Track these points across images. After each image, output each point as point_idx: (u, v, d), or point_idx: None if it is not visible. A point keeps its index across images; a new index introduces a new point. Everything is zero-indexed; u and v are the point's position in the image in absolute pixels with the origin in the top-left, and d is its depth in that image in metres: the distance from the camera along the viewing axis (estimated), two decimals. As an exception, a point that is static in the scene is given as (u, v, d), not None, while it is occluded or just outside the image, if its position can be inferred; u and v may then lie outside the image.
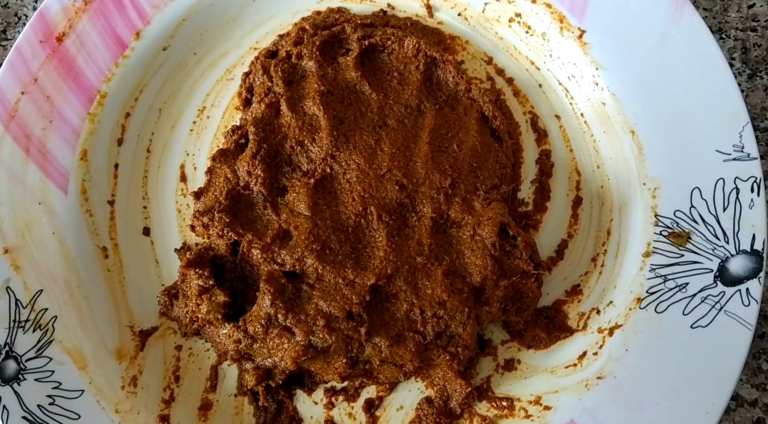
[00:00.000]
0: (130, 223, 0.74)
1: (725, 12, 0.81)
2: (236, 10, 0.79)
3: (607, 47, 0.72)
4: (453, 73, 0.76)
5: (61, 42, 0.71)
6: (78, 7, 0.72)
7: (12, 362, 0.63)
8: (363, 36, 0.77)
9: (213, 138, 0.77)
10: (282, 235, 0.67)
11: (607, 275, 0.69)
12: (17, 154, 0.69)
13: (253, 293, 0.67)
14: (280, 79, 0.75)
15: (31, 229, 0.68)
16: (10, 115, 0.69)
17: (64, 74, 0.71)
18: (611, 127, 0.72)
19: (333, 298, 0.64)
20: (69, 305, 0.67)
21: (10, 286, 0.65)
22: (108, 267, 0.71)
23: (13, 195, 0.68)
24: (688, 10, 0.68)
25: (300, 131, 0.72)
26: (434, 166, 0.70)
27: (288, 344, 0.63)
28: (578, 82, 0.75)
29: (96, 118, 0.73)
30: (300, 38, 0.77)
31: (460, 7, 0.79)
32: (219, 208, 0.68)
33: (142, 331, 0.70)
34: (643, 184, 0.69)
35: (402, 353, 0.63)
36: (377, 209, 0.67)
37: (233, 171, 0.70)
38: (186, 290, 0.68)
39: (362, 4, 0.81)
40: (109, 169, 0.74)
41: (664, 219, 0.66)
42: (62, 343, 0.65)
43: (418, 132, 0.72)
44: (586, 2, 0.72)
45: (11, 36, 0.84)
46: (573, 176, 0.74)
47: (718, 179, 0.65)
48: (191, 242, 0.74)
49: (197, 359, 0.70)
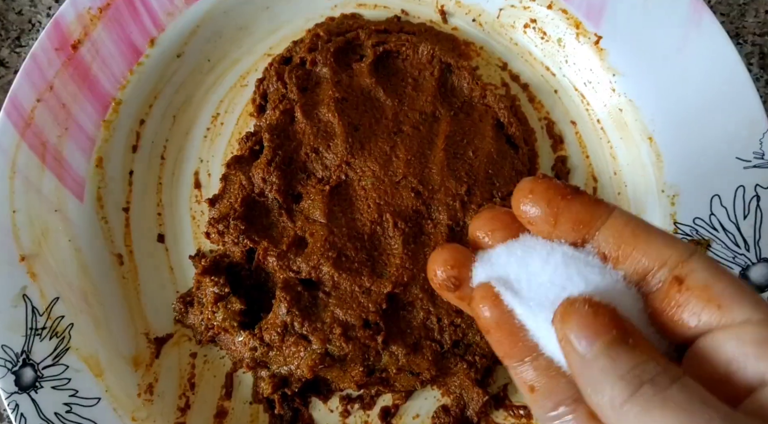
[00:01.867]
0: (145, 230, 0.74)
1: (743, 17, 0.80)
2: (250, 16, 0.79)
3: (624, 53, 0.71)
4: (468, 79, 0.75)
5: (77, 50, 0.71)
6: (93, 14, 0.72)
7: (29, 370, 0.63)
8: (377, 42, 0.76)
9: (227, 144, 0.77)
10: (297, 242, 0.67)
11: (625, 282, 0.68)
12: (33, 161, 0.69)
13: (268, 300, 0.67)
14: (294, 85, 0.74)
15: (47, 236, 0.68)
16: (26, 123, 0.69)
17: (80, 82, 0.71)
18: (628, 133, 0.72)
19: (349, 306, 0.64)
20: (85, 312, 0.67)
21: (26, 294, 0.65)
22: (123, 274, 0.71)
23: (30, 203, 0.68)
24: (706, 15, 0.68)
25: (315, 138, 0.71)
26: (450, 173, 0.69)
27: (304, 353, 0.63)
28: (594, 88, 0.74)
29: (111, 125, 0.73)
30: (314, 44, 0.77)
31: (475, 12, 0.79)
32: (234, 215, 0.68)
33: (158, 338, 0.70)
34: (661, 191, 0.68)
35: (419, 362, 0.63)
36: (393, 217, 0.67)
37: (248, 178, 0.70)
38: (201, 297, 0.68)
39: (376, 10, 0.81)
40: (124, 176, 0.74)
41: (684, 226, 0.66)
42: (79, 350, 0.65)
43: (433, 139, 0.72)
44: (602, 8, 0.72)
45: (25, 43, 0.84)
46: (590, 183, 0.74)
47: (738, 187, 0.64)
48: (206, 249, 0.74)
49: (212, 366, 0.70)
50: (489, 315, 0.38)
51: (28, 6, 0.85)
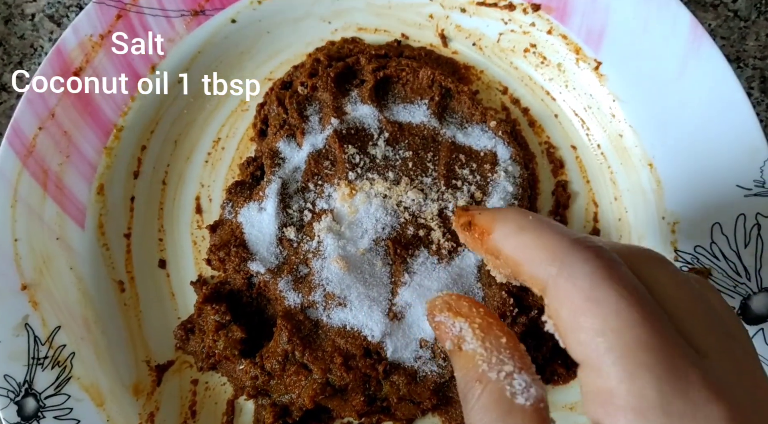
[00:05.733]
0: (146, 256, 0.74)
1: (743, 40, 0.80)
2: (250, 41, 0.79)
3: (624, 79, 0.71)
4: (468, 104, 0.75)
5: (78, 77, 0.72)
6: (94, 41, 0.73)
7: (31, 400, 0.63)
8: (377, 67, 0.77)
9: (228, 170, 0.77)
10: (299, 270, 0.67)
11: (625, 309, 0.68)
12: (35, 189, 0.69)
13: (269, 327, 0.67)
14: (294, 110, 0.75)
15: (49, 264, 0.68)
16: (28, 151, 0.69)
17: (81, 109, 0.72)
18: (629, 159, 0.72)
19: (350, 334, 0.64)
20: (86, 340, 0.67)
21: (28, 323, 0.65)
22: (124, 301, 0.71)
23: (31, 231, 0.68)
24: (706, 41, 0.68)
25: (315, 164, 0.71)
26: (450, 199, 0.69)
27: (305, 382, 0.63)
28: (594, 113, 0.74)
29: (113, 152, 0.73)
30: (314, 69, 0.77)
31: (475, 37, 0.79)
32: (235, 242, 0.68)
33: (159, 365, 0.70)
34: (662, 218, 0.68)
35: (420, 391, 0.63)
36: (393, 244, 0.67)
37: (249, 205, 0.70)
38: (202, 324, 0.68)
39: (376, 34, 0.81)
40: (125, 202, 0.74)
41: (685, 254, 0.65)
42: (80, 379, 0.65)
43: (434, 163, 0.72)
44: (602, 34, 0.72)
45: (27, 67, 0.84)
46: (590, 208, 0.74)
47: (739, 215, 0.64)
48: (207, 275, 0.74)
49: (213, 393, 0.70)
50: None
51: (30, 30, 0.85)
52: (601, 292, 0.36)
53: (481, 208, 0.52)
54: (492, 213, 0.48)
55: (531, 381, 0.40)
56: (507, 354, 0.41)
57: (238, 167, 0.77)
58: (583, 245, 0.39)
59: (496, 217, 0.47)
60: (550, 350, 0.68)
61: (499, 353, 0.42)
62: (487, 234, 0.47)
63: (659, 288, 0.39)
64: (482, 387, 0.40)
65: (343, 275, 0.65)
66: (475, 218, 0.50)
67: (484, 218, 0.48)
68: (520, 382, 0.39)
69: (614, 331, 0.35)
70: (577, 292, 0.37)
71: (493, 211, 0.49)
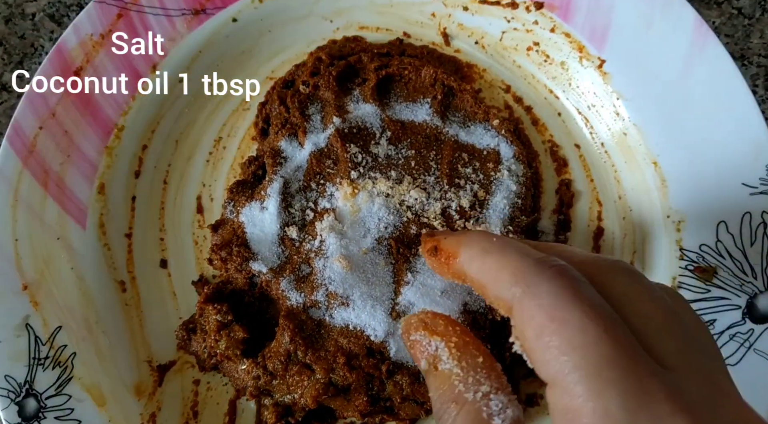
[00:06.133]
0: (147, 255, 0.74)
1: (747, 38, 0.80)
2: (252, 40, 0.79)
3: (628, 77, 0.71)
4: (470, 102, 0.75)
5: (79, 76, 0.71)
6: (95, 41, 0.72)
7: (32, 401, 0.63)
8: (379, 66, 0.76)
9: (229, 169, 0.77)
10: (300, 269, 0.67)
11: (630, 309, 0.68)
12: (36, 189, 0.69)
13: (271, 327, 0.67)
14: (296, 109, 0.74)
15: (50, 265, 0.68)
16: (28, 151, 0.69)
17: (82, 109, 0.71)
18: (633, 157, 0.71)
19: (353, 334, 0.64)
20: (87, 341, 0.67)
21: (29, 323, 0.65)
22: (126, 301, 0.71)
23: (32, 231, 0.68)
24: (711, 39, 0.67)
25: (317, 163, 0.71)
26: (453, 197, 0.69)
27: (308, 382, 0.63)
28: (598, 111, 0.74)
29: (114, 151, 0.73)
30: (316, 68, 0.77)
31: (477, 35, 0.79)
32: (237, 242, 0.68)
33: (160, 365, 0.70)
34: (667, 216, 0.67)
35: (424, 391, 0.63)
36: (396, 243, 0.67)
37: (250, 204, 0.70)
38: (204, 324, 0.68)
39: (378, 33, 0.81)
40: (127, 202, 0.74)
41: (690, 253, 0.65)
42: (81, 380, 0.65)
43: (436, 162, 0.72)
44: (605, 32, 0.71)
45: (27, 67, 0.84)
46: (594, 207, 0.73)
47: (745, 213, 0.63)
48: (208, 274, 0.73)
49: (215, 393, 0.69)
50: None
51: (30, 30, 0.85)
52: (564, 311, 0.36)
53: (446, 233, 0.53)
54: (457, 237, 0.49)
55: (507, 402, 0.40)
56: (483, 374, 0.41)
57: (240, 166, 0.76)
58: (546, 265, 0.39)
59: (461, 240, 0.47)
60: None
61: (476, 372, 0.41)
62: (452, 258, 0.47)
63: (627, 303, 0.39)
64: (458, 408, 0.40)
65: (345, 275, 0.65)
66: (441, 243, 0.50)
67: (449, 243, 0.49)
68: (496, 403, 0.39)
69: (578, 349, 0.35)
70: (541, 312, 0.37)
71: (459, 234, 0.49)
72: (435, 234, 0.54)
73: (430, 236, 0.54)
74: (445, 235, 0.51)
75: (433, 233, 0.54)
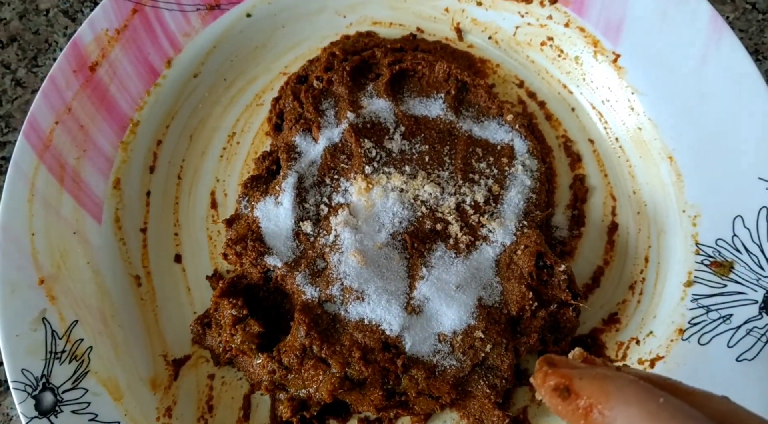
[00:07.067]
0: (162, 250, 0.74)
1: (761, 33, 0.79)
2: (266, 35, 0.79)
3: (643, 71, 0.71)
4: (484, 97, 0.75)
5: (94, 71, 0.72)
6: (110, 36, 0.72)
7: (49, 394, 0.63)
8: (393, 61, 0.76)
9: (243, 164, 0.77)
10: (316, 264, 0.67)
11: (646, 303, 0.68)
12: (52, 183, 0.69)
13: (287, 321, 0.67)
14: (310, 104, 0.74)
15: (66, 259, 0.68)
16: (44, 145, 0.69)
17: (98, 103, 0.72)
18: (648, 152, 0.71)
19: (369, 328, 0.64)
20: (104, 335, 0.67)
21: (46, 317, 0.65)
22: (141, 296, 0.71)
23: (48, 225, 0.68)
24: (726, 33, 0.67)
25: (331, 158, 0.71)
26: (468, 193, 0.69)
27: (323, 376, 0.63)
28: (613, 106, 0.74)
29: (129, 146, 0.73)
30: (330, 64, 0.77)
31: (491, 30, 0.79)
32: (252, 236, 0.68)
33: (176, 360, 0.70)
34: (682, 211, 0.67)
35: (439, 385, 0.63)
36: (410, 237, 0.67)
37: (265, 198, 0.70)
38: (219, 319, 0.68)
39: (391, 28, 0.81)
40: (142, 196, 0.74)
41: (706, 248, 0.65)
42: (98, 374, 0.65)
43: (450, 157, 0.72)
44: (620, 26, 0.71)
45: (42, 63, 0.84)
46: (608, 202, 0.73)
47: (762, 208, 0.63)
48: (222, 269, 0.74)
49: (230, 388, 0.69)
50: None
51: (44, 26, 0.85)
52: None
53: (579, 369, 0.41)
54: (600, 381, 0.38)
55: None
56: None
57: (254, 162, 0.76)
58: None
59: (608, 389, 0.37)
60: (569, 344, 0.68)
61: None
62: (596, 410, 0.37)
63: None
64: None
65: (360, 269, 0.65)
66: (575, 384, 0.39)
67: (590, 388, 0.38)
68: None
69: None
70: None
71: (601, 377, 0.38)
72: (557, 363, 0.42)
73: (552, 365, 0.42)
74: (580, 373, 0.40)
75: (554, 362, 0.42)
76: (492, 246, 0.67)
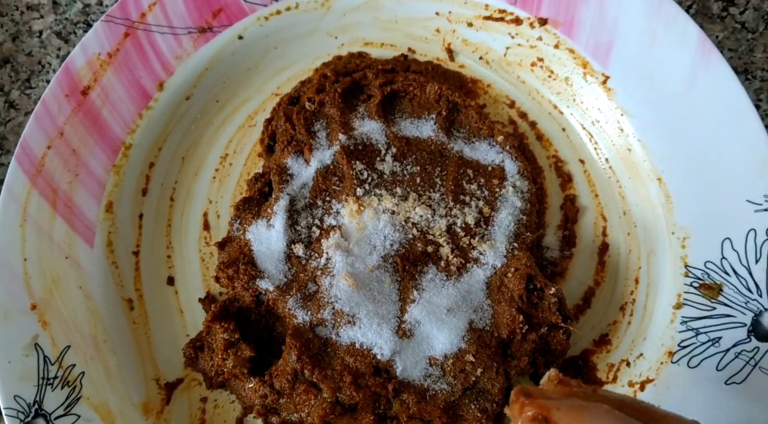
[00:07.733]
0: (155, 273, 0.74)
1: (751, 52, 0.80)
2: (258, 57, 0.79)
3: (632, 93, 0.71)
4: (475, 118, 0.75)
5: (87, 95, 0.72)
6: (102, 59, 0.73)
7: (41, 421, 0.63)
8: (384, 82, 0.77)
9: (236, 185, 0.78)
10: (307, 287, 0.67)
11: (636, 325, 0.68)
12: (44, 208, 0.69)
13: (278, 345, 0.67)
14: (302, 126, 0.75)
15: (58, 284, 0.68)
16: (36, 170, 0.69)
17: (90, 127, 0.72)
18: (637, 173, 0.71)
19: (360, 352, 0.64)
20: (96, 360, 0.67)
21: (38, 343, 0.65)
22: (134, 319, 0.71)
23: (41, 250, 0.68)
24: (715, 56, 0.68)
25: (323, 180, 0.72)
26: (458, 214, 0.69)
27: (315, 401, 0.63)
28: (603, 127, 0.74)
29: (121, 169, 0.73)
30: (322, 85, 0.77)
31: (482, 50, 0.79)
32: (244, 260, 0.68)
33: (168, 383, 0.70)
34: (671, 233, 0.68)
35: (430, 409, 0.63)
36: (401, 260, 0.67)
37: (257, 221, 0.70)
38: (211, 343, 0.68)
39: (383, 49, 0.81)
40: (134, 219, 0.75)
41: (695, 270, 0.65)
42: (90, 399, 0.65)
43: (441, 178, 0.72)
44: (609, 48, 0.72)
45: (35, 84, 0.85)
46: (599, 222, 0.73)
47: (750, 230, 0.64)
48: (215, 291, 0.74)
49: (222, 411, 0.70)
50: None
51: (37, 47, 0.86)
52: None
53: (555, 400, 0.42)
54: (577, 411, 0.39)
55: None
56: None
57: (246, 183, 0.77)
58: None
59: (585, 419, 0.39)
60: (560, 367, 0.68)
61: None
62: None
63: None
64: None
65: (352, 293, 0.65)
66: (553, 414, 0.40)
67: (567, 417, 0.40)
68: None
69: None
70: None
71: (577, 407, 0.40)
72: (533, 394, 0.43)
73: (528, 395, 0.42)
74: (557, 404, 0.41)
75: (530, 392, 0.43)
76: (483, 268, 0.67)
